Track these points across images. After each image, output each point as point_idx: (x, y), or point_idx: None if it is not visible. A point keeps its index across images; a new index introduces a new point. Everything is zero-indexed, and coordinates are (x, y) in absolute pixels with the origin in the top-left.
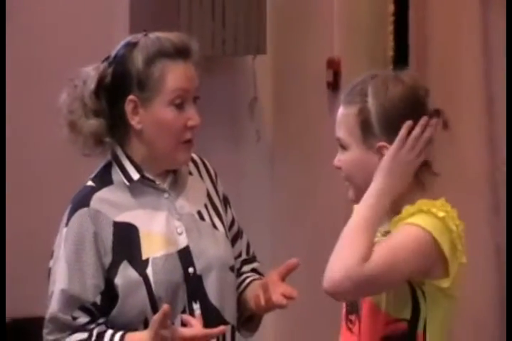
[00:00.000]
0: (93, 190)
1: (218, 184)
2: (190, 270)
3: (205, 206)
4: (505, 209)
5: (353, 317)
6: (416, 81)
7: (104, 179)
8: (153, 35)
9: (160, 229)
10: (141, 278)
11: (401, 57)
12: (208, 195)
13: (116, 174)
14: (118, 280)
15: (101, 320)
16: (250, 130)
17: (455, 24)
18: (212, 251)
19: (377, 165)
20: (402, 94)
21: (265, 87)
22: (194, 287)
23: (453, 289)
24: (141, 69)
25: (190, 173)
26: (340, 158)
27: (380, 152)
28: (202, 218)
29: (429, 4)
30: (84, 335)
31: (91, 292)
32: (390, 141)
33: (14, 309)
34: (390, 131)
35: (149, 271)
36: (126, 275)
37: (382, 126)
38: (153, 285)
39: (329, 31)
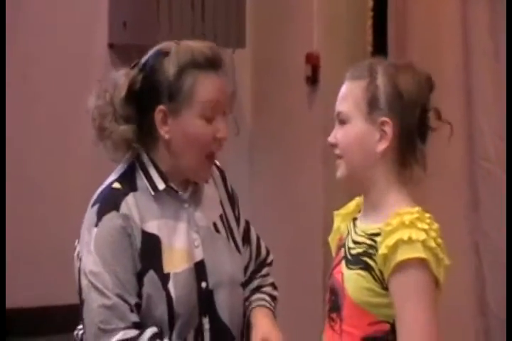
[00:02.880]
0: (122, 194)
1: (228, 185)
2: (203, 284)
3: (220, 217)
4: (483, 205)
5: (334, 316)
6: (428, 74)
7: (130, 183)
8: (184, 45)
9: (180, 243)
10: (164, 292)
11: (380, 52)
12: (221, 204)
13: (141, 180)
14: (145, 290)
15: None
16: (229, 123)
17: (434, 18)
18: (225, 266)
19: (375, 141)
20: (416, 82)
21: (244, 81)
22: (205, 301)
23: (439, 286)
24: (172, 80)
25: (206, 181)
26: (337, 134)
27: (381, 127)
28: (217, 230)
29: None
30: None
31: (135, 291)
32: (393, 120)
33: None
34: (395, 110)
35: (171, 286)
36: (151, 285)
37: (388, 103)
38: (174, 300)
39: (309, 26)
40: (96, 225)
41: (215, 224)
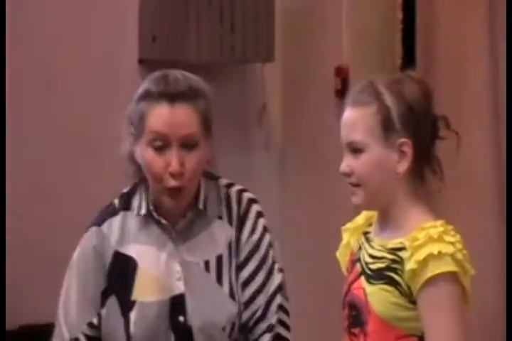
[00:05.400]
0: (114, 212)
1: (245, 234)
2: (181, 319)
3: (218, 257)
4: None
5: (356, 331)
6: (424, 80)
7: (126, 202)
8: (171, 73)
9: (159, 271)
10: (122, 319)
11: (409, 64)
12: (230, 246)
13: (135, 201)
14: (103, 312)
15: None
16: (259, 137)
17: (461, 31)
18: (208, 306)
19: (395, 163)
20: (422, 91)
21: (274, 95)
22: (183, 336)
23: (467, 297)
24: (133, 105)
25: (220, 217)
26: (352, 163)
27: (400, 149)
28: (207, 269)
29: (436, 11)
30: None
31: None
32: (410, 138)
33: (16, 316)
34: (411, 127)
35: (133, 314)
36: (110, 310)
37: (403, 122)
38: (132, 329)
39: (338, 39)
40: (83, 236)
41: (206, 263)
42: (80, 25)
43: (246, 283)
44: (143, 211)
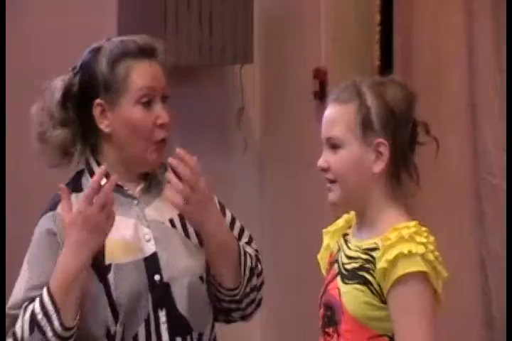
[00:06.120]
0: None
1: None
2: (157, 277)
3: (180, 215)
4: (488, 219)
5: (330, 331)
6: (409, 86)
7: (74, 185)
8: (116, 39)
9: (126, 236)
10: (101, 284)
11: (387, 67)
12: None
13: (87, 181)
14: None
15: None
16: (238, 139)
17: (439, 33)
18: (181, 259)
19: (372, 163)
20: (404, 95)
21: (252, 96)
22: (160, 294)
23: (438, 298)
24: (106, 71)
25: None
26: (330, 159)
27: (376, 149)
28: (173, 226)
29: (414, 14)
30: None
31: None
32: (387, 139)
33: None
34: (389, 129)
35: (111, 276)
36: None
37: (382, 123)
38: (113, 292)
39: (316, 41)
40: (36, 228)
41: (171, 220)
42: (59, 28)
43: None
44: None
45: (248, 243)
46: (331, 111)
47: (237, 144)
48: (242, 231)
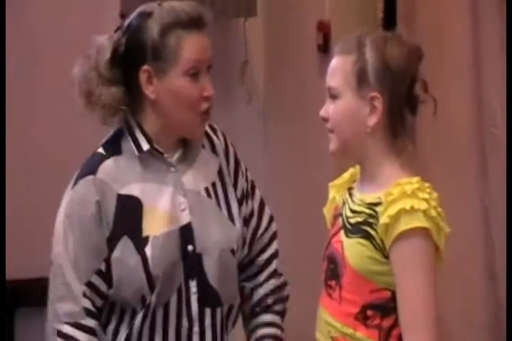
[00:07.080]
0: (102, 158)
1: (231, 164)
2: (190, 248)
3: (213, 184)
4: (492, 172)
5: (332, 283)
6: (416, 44)
7: (114, 147)
8: (167, 5)
9: (164, 205)
10: (139, 256)
11: (390, 19)
12: (220, 173)
13: (127, 143)
14: (116, 255)
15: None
16: (242, 92)
17: None
18: (214, 231)
19: (366, 116)
20: (404, 54)
21: (256, 49)
22: (192, 265)
23: (440, 254)
24: (156, 39)
25: (203, 146)
26: (329, 108)
27: (371, 102)
28: (209, 195)
29: None
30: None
31: (99, 258)
32: (382, 94)
33: (15, 270)
34: (385, 84)
35: (148, 249)
36: (124, 251)
37: (377, 77)
38: (150, 263)
39: None
40: (72, 188)
41: (207, 189)
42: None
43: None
44: (145, 147)
45: (269, 223)
46: (333, 61)
47: (240, 97)
48: (262, 205)
